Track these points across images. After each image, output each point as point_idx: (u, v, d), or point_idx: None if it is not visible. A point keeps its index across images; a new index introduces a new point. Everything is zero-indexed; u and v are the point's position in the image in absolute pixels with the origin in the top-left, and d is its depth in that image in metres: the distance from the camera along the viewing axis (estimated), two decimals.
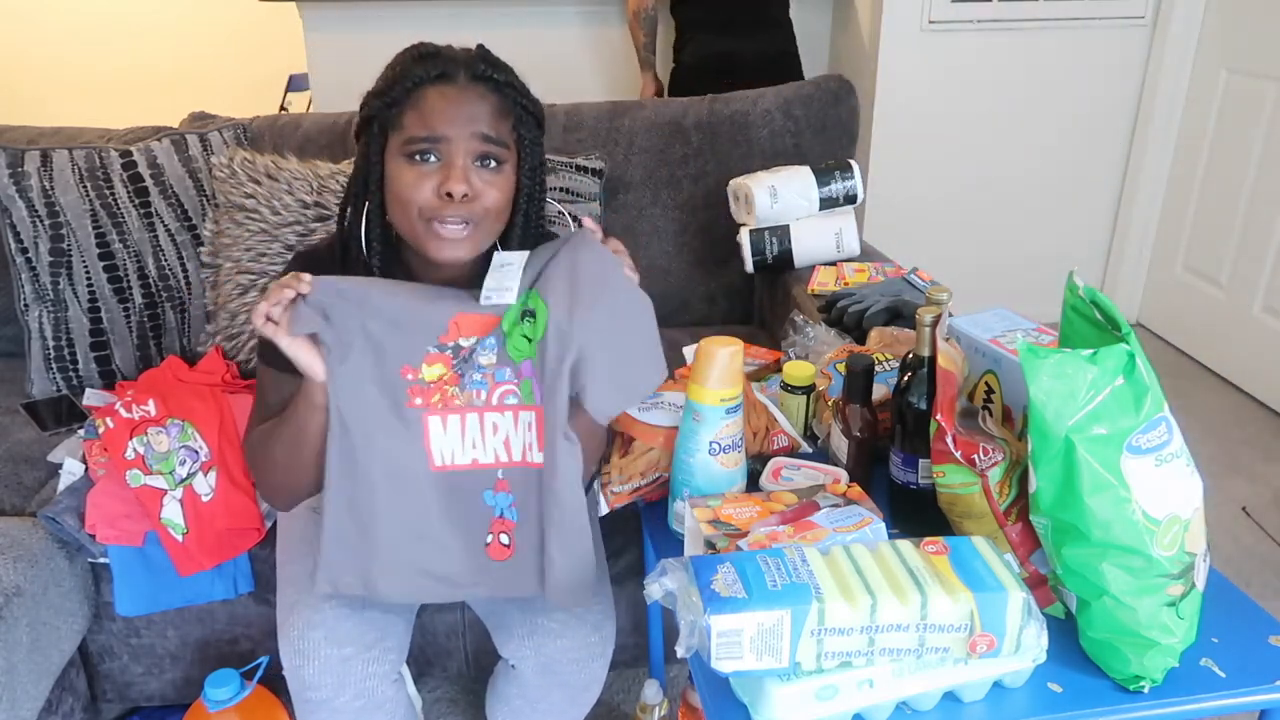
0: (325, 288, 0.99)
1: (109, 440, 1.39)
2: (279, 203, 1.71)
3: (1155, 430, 0.83)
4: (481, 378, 1.03)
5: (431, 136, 1.00)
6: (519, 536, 1.07)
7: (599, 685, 1.25)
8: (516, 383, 1.04)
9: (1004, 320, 1.10)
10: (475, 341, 1.03)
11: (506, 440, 1.05)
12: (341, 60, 3.01)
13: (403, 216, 1.04)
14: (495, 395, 1.04)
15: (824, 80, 2.04)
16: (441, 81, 1.02)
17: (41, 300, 1.74)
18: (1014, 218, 3.12)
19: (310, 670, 1.13)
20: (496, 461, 1.06)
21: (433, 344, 1.02)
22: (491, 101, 1.03)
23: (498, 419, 1.04)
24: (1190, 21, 2.87)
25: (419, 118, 1.01)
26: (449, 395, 1.03)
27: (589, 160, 1.87)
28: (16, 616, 1.24)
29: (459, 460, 1.05)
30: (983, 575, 0.81)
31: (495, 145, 1.03)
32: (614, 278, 1.00)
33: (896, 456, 1.06)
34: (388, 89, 1.03)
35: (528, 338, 1.02)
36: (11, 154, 1.72)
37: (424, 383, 1.03)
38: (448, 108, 1.01)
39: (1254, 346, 2.72)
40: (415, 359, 1.02)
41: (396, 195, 1.03)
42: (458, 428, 1.04)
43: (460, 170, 1.01)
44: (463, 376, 1.03)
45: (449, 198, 1.01)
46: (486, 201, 1.03)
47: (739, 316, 2.07)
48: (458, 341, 1.02)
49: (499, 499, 1.07)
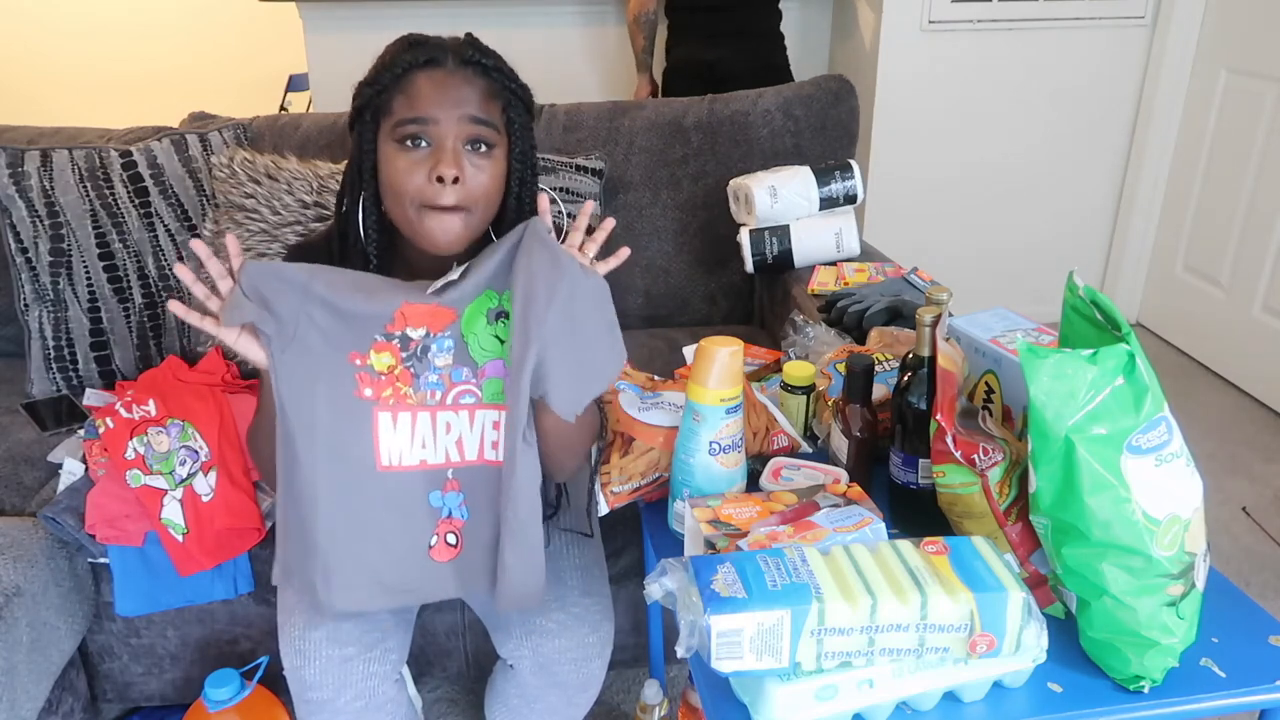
0: (263, 272, 0.95)
1: (109, 440, 1.39)
2: (279, 203, 1.71)
3: (1155, 430, 0.83)
4: (438, 378, 1.01)
5: (420, 119, 1.01)
6: (467, 534, 1.05)
7: (597, 685, 1.25)
8: (477, 383, 1.02)
9: (1004, 320, 1.10)
10: (425, 335, 1.00)
11: (460, 440, 1.03)
12: (341, 60, 3.01)
13: (396, 204, 1.04)
14: (451, 395, 1.01)
15: (824, 80, 2.04)
16: (430, 66, 1.02)
17: (41, 300, 1.74)
18: (1014, 218, 3.12)
19: (311, 671, 1.13)
20: (447, 461, 1.03)
21: (379, 332, 0.99)
22: (480, 85, 1.04)
23: (451, 418, 1.02)
24: (1190, 21, 2.87)
25: (408, 101, 1.01)
26: (401, 393, 1.00)
27: (589, 160, 1.87)
28: (16, 616, 1.24)
29: (406, 461, 1.02)
30: (983, 575, 0.81)
31: (485, 127, 1.03)
32: (568, 271, 0.97)
33: (896, 456, 1.06)
34: (377, 76, 1.03)
35: (499, 338, 1.01)
36: (11, 154, 1.72)
37: (373, 371, 0.99)
38: (436, 91, 1.01)
39: (1254, 346, 2.72)
40: (363, 345, 0.99)
41: (389, 183, 1.03)
42: (408, 426, 1.01)
43: (451, 153, 1.01)
44: (417, 376, 1.00)
45: (440, 182, 1.00)
46: (478, 185, 1.03)
47: (739, 316, 2.07)
48: (405, 331, 0.99)
49: (448, 499, 1.04)
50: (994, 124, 2.98)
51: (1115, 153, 3.08)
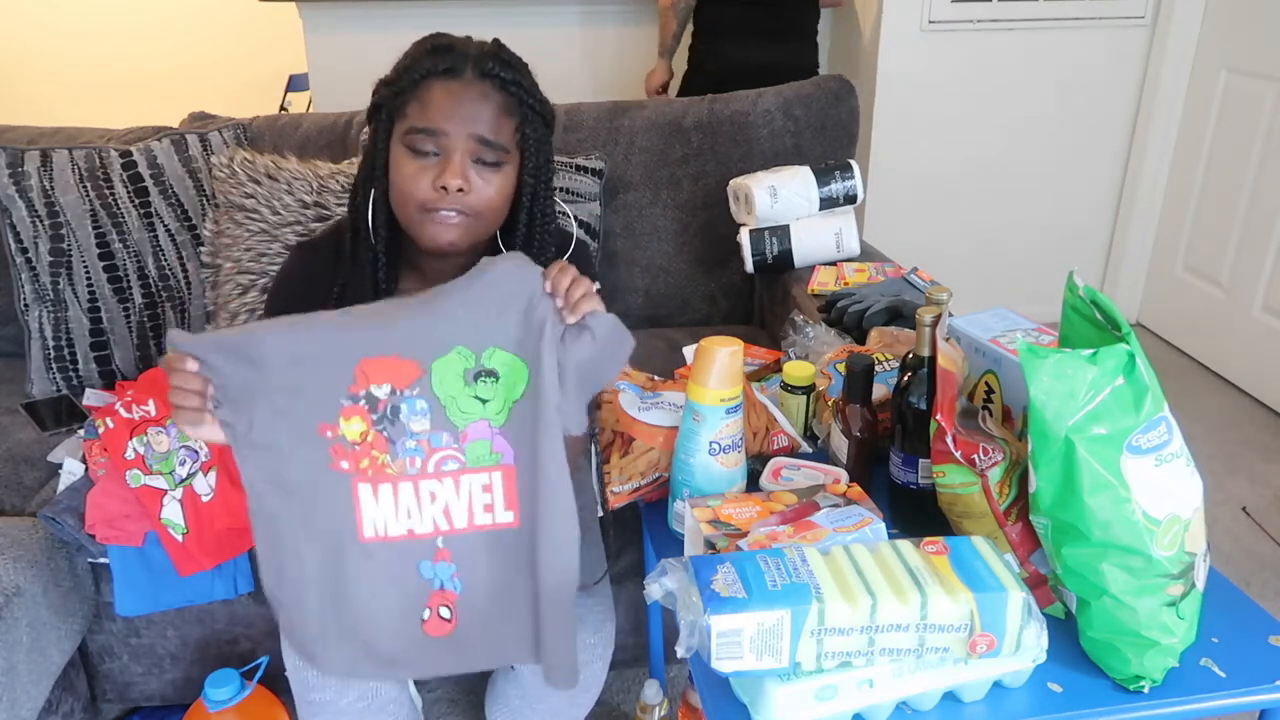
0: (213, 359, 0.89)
1: (109, 440, 1.39)
2: (279, 203, 1.71)
3: (1155, 430, 0.83)
4: (416, 444, 0.95)
5: (430, 129, 1.02)
6: (462, 608, 0.98)
7: (598, 686, 1.25)
8: (460, 448, 0.96)
9: (1004, 320, 1.10)
10: (391, 392, 0.93)
11: (446, 508, 0.96)
12: (341, 60, 3.01)
13: (401, 205, 1.07)
14: (432, 462, 0.95)
15: (824, 80, 2.04)
16: (448, 76, 1.03)
17: (41, 300, 1.74)
18: (1014, 217, 3.12)
19: (314, 671, 1.13)
20: (435, 530, 0.97)
21: (343, 395, 0.93)
22: (495, 101, 1.04)
23: (435, 487, 0.96)
24: (1190, 21, 2.87)
25: (421, 109, 1.03)
26: (379, 463, 0.95)
27: (589, 160, 1.87)
28: (16, 616, 1.24)
29: (393, 531, 0.96)
30: (983, 575, 0.81)
31: (492, 149, 1.04)
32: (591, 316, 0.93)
33: (896, 456, 1.06)
34: (397, 78, 1.05)
35: (481, 399, 0.95)
36: (11, 154, 1.72)
37: (347, 442, 0.94)
38: (449, 102, 1.02)
39: (1254, 346, 2.72)
40: (330, 415, 0.93)
41: (396, 184, 1.06)
42: (390, 497, 0.95)
43: (457, 165, 1.02)
44: (393, 443, 0.94)
45: (444, 191, 1.02)
46: (482, 197, 1.04)
47: (739, 316, 2.07)
48: (369, 390, 0.93)
49: (439, 569, 0.97)
50: (994, 124, 2.98)
51: (1115, 153, 3.08)
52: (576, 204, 1.83)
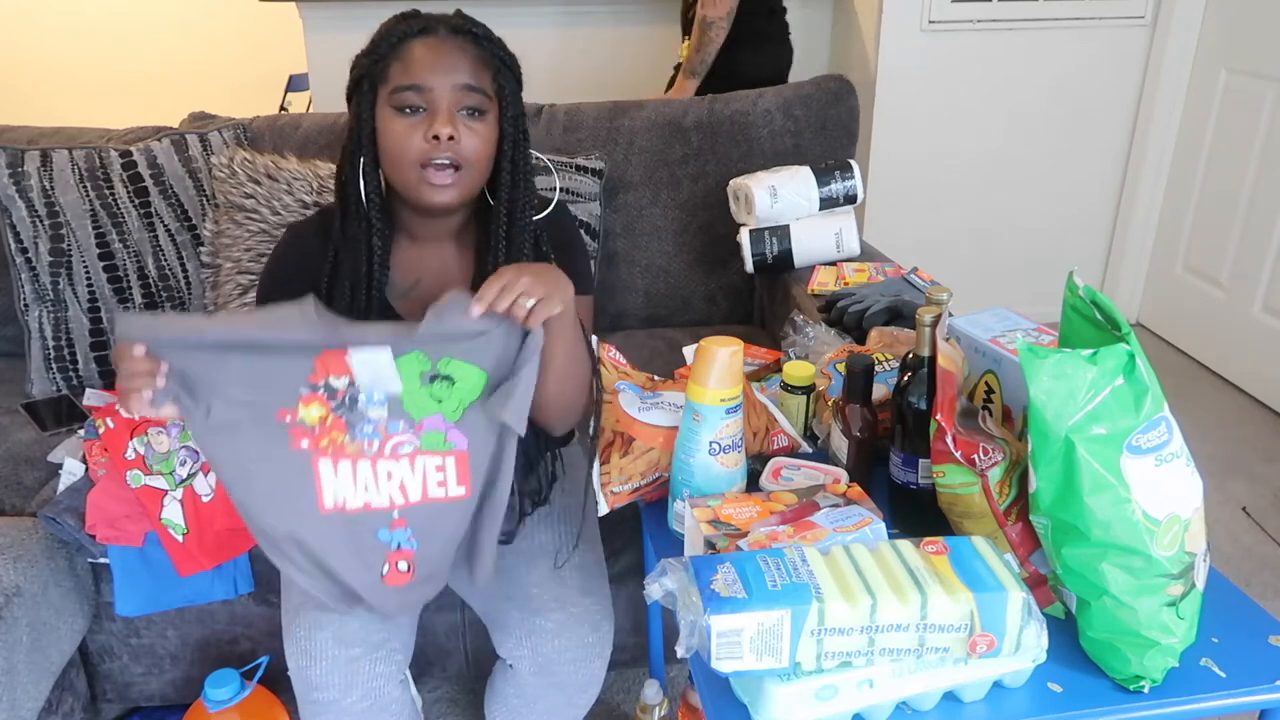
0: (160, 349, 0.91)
1: (109, 440, 1.39)
2: (279, 203, 1.71)
3: (1155, 430, 0.83)
4: (373, 429, 1.01)
5: (416, 85, 1.07)
6: (419, 560, 1.07)
7: (597, 686, 1.25)
8: (415, 434, 1.02)
9: (1004, 320, 1.10)
10: (348, 384, 0.98)
11: (402, 485, 1.03)
12: (341, 60, 2.97)
13: (395, 168, 1.10)
14: (389, 446, 1.02)
15: (824, 80, 2.04)
16: (424, 35, 1.09)
17: (41, 300, 1.74)
18: (1014, 218, 3.12)
19: (317, 671, 1.13)
20: (391, 504, 1.04)
21: (303, 384, 0.97)
22: (472, 53, 1.10)
23: (391, 466, 1.02)
24: (1190, 21, 2.87)
25: (404, 68, 1.08)
26: (338, 442, 1.00)
27: (589, 160, 1.87)
28: (16, 616, 1.24)
29: (351, 504, 1.02)
30: (983, 575, 0.81)
31: (477, 94, 1.09)
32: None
33: (896, 456, 1.06)
34: (374, 47, 1.10)
35: (436, 399, 1.01)
36: (11, 154, 1.72)
37: (305, 424, 0.99)
38: (430, 56, 1.07)
39: (1254, 346, 2.72)
40: (289, 401, 0.98)
41: (388, 148, 1.09)
42: (349, 472, 1.01)
43: (445, 114, 1.07)
44: (351, 426, 1.00)
45: (435, 140, 1.06)
46: (471, 146, 1.09)
47: (739, 316, 2.07)
48: (328, 380, 0.98)
49: (396, 534, 1.05)
50: (994, 124, 2.98)
51: (1115, 152, 3.08)
52: (577, 204, 1.83)
